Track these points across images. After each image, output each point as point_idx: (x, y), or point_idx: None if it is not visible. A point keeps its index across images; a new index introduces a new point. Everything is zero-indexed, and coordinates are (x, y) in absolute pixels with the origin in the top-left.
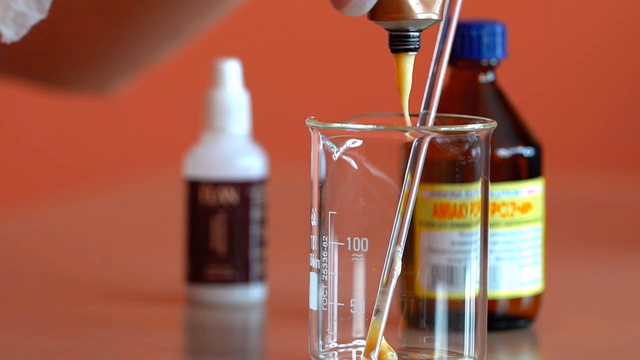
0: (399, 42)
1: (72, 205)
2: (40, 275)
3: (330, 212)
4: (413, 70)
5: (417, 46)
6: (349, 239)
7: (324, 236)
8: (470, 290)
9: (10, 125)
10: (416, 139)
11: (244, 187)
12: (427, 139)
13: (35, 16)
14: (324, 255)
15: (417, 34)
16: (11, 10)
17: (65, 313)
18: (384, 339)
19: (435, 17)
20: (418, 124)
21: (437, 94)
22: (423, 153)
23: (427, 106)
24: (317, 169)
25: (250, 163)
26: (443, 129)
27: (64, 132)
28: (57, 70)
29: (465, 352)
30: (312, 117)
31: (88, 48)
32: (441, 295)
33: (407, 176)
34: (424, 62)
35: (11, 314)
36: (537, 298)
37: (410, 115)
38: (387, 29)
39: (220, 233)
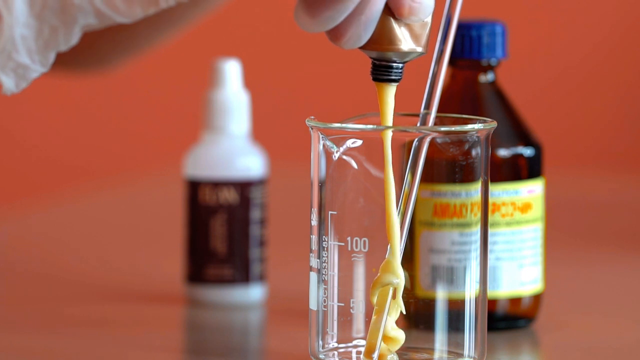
0: (381, 72)
1: (71, 205)
2: (39, 275)
3: (330, 212)
4: (413, 70)
5: (399, 77)
6: (349, 239)
7: (324, 236)
8: (470, 290)
9: (10, 125)
10: (416, 139)
11: (244, 187)
12: (428, 139)
13: (38, 70)
14: (324, 255)
15: (400, 65)
16: (12, 60)
17: (65, 313)
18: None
19: (420, 49)
20: (418, 124)
21: (438, 94)
22: (423, 153)
23: (428, 106)
24: (317, 169)
25: (250, 163)
26: (443, 129)
27: (64, 132)
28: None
29: (465, 352)
30: (312, 117)
31: (89, 34)
32: (441, 295)
33: (407, 176)
34: (424, 62)
35: (11, 314)
36: (537, 298)
37: (412, 115)
38: (370, 57)
39: (220, 233)
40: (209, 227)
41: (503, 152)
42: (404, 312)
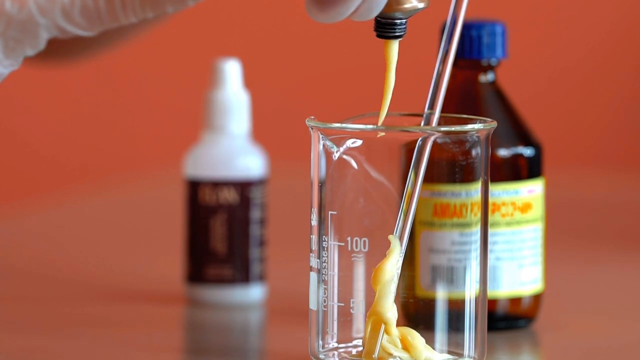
0: (387, 30)
1: (71, 205)
2: (39, 275)
3: (330, 212)
4: (418, 70)
5: (404, 32)
6: (349, 238)
7: (324, 236)
8: (470, 290)
9: (10, 125)
10: (420, 139)
11: (244, 187)
12: (431, 139)
13: (10, 69)
14: (324, 255)
15: (404, 20)
16: None
17: (65, 313)
18: (383, 343)
19: (421, 5)
20: (422, 124)
21: (442, 94)
22: (427, 153)
23: (432, 106)
24: (317, 168)
25: (250, 163)
26: (443, 128)
27: (64, 132)
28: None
29: (465, 352)
30: (312, 117)
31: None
32: (441, 295)
33: (411, 176)
34: (429, 62)
35: (11, 314)
36: (537, 298)
37: (414, 115)
38: None
39: (220, 233)
40: (209, 227)
41: (503, 152)
42: (399, 345)
